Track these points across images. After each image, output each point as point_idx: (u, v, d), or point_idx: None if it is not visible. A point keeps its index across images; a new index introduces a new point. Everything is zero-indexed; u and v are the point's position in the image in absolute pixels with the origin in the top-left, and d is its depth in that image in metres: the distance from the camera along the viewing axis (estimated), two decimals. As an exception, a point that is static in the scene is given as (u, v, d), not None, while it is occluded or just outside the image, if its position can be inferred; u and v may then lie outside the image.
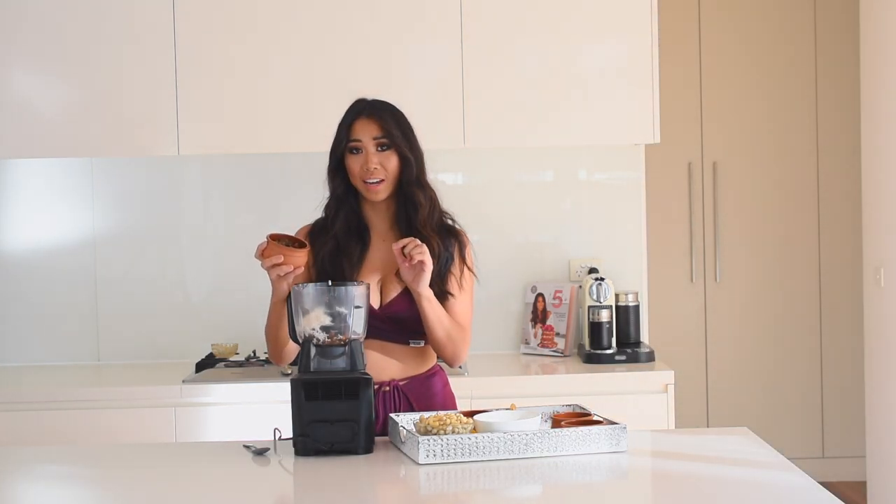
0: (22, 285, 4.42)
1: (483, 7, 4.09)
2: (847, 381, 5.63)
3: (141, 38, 4.07)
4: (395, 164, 2.92)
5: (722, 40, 5.65)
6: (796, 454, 5.41)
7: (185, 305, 4.44)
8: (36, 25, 4.07)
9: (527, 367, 4.17)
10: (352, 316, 2.69)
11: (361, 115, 2.94)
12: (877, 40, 4.47)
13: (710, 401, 5.70)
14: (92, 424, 3.85)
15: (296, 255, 2.75)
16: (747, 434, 2.85)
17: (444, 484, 2.48)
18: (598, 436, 2.62)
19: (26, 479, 2.67)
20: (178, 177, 4.45)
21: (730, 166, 5.68)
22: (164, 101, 4.07)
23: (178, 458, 2.78)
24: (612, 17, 4.11)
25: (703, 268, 5.70)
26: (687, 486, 2.44)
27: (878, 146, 4.49)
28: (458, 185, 4.48)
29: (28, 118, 4.09)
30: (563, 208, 4.47)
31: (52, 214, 4.43)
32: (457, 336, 2.93)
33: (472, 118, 4.09)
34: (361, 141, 2.92)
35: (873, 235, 4.56)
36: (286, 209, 4.35)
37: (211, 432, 3.84)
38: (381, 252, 2.97)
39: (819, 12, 5.64)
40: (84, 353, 4.42)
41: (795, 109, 5.67)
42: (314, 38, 4.08)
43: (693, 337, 5.69)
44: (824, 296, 5.69)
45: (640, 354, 4.12)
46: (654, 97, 4.10)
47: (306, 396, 2.63)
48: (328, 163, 2.97)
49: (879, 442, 4.54)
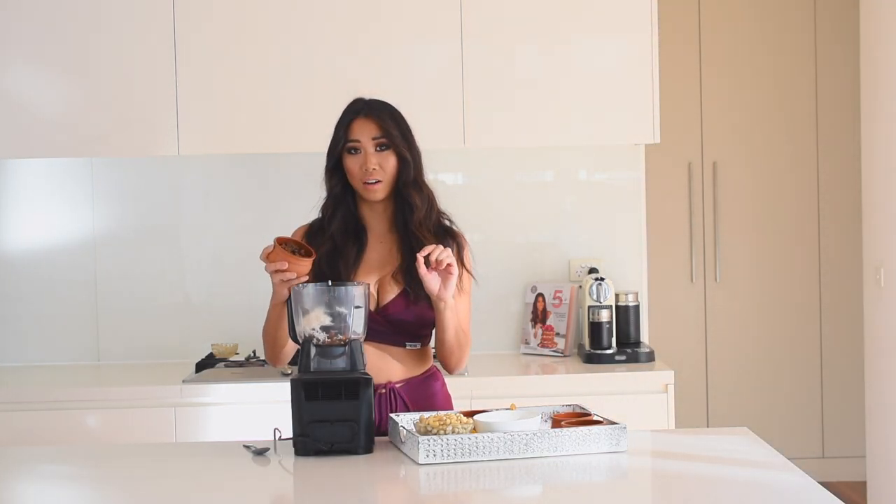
0: (22, 285, 4.42)
1: (483, 7, 4.09)
2: (847, 381, 5.63)
3: (141, 37, 4.07)
4: (393, 165, 2.90)
5: (722, 40, 5.65)
6: (796, 454, 5.41)
7: (185, 305, 4.44)
8: (36, 25, 4.07)
9: (527, 367, 4.17)
10: (352, 316, 2.69)
11: (360, 114, 2.92)
12: (877, 40, 4.47)
13: (710, 401, 5.70)
14: (92, 424, 3.85)
15: (301, 263, 2.73)
16: (747, 434, 2.84)
17: (444, 484, 2.48)
18: (598, 436, 2.62)
19: (26, 479, 2.67)
20: (178, 177, 4.45)
21: (730, 166, 5.68)
22: (164, 101, 4.07)
23: (178, 458, 2.78)
24: (612, 17, 4.11)
25: (703, 268, 5.70)
26: (687, 486, 2.44)
27: (878, 146, 4.49)
28: (458, 185, 4.48)
29: (28, 118, 4.09)
30: (563, 208, 4.47)
31: (52, 214, 4.43)
32: (464, 342, 2.93)
33: (472, 118, 4.09)
34: (360, 141, 2.90)
35: (873, 235, 4.56)
36: (286, 209, 4.35)
37: (211, 432, 3.84)
38: (378, 253, 2.95)
39: (819, 12, 5.64)
40: (84, 353, 4.42)
41: (795, 110, 5.67)
42: (314, 39, 4.08)
43: (693, 337, 5.69)
44: (824, 296, 5.69)
45: (640, 354, 4.12)
46: (654, 97, 4.10)
47: (306, 396, 2.63)
48: (325, 163, 2.95)
49: (879, 442, 4.54)
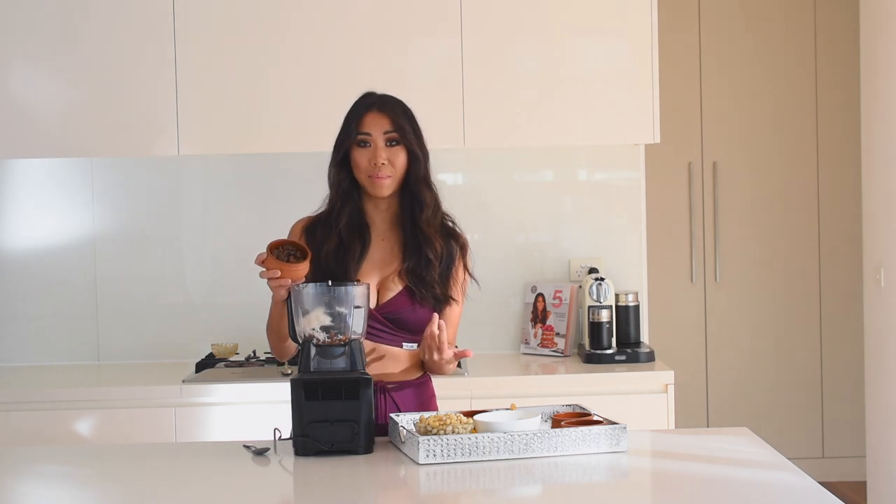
0: (22, 285, 4.42)
1: (483, 7, 4.09)
2: (847, 381, 5.63)
3: (141, 37, 4.08)
4: (403, 161, 2.88)
5: (722, 40, 5.65)
6: (796, 454, 5.41)
7: (185, 305, 4.44)
8: (36, 25, 4.07)
9: (527, 367, 4.17)
10: (352, 316, 2.69)
11: (372, 108, 2.90)
12: (877, 40, 4.47)
13: (710, 401, 5.70)
14: (92, 424, 3.85)
15: (294, 269, 2.71)
16: (747, 434, 2.84)
17: (444, 484, 2.48)
18: (598, 436, 2.62)
19: (26, 479, 2.67)
20: (178, 177, 4.45)
21: (730, 166, 5.68)
22: (164, 101, 4.07)
23: (178, 458, 2.78)
24: (612, 17, 4.11)
25: (703, 268, 5.70)
26: (687, 486, 2.44)
27: (878, 146, 4.49)
28: (458, 185, 4.48)
29: (28, 118, 4.09)
30: (563, 208, 4.47)
31: (52, 214, 4.43)
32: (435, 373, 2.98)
33: (472, 118, 4.09)
34: (371, 135, 2.87)
35: (873, 235, 4.56)
36: (286, 209, 4.33)
37: (211, 432, 3.84)
38: (380, 251, 2.94)
39: (819, 12, 5.64)
40: (84, 353, 4.42)
41: (795, 109, 5.67)
42: (314, 38, 4.08)
43: (693, 337, 5.69)
44: (824, 296, 5.69)
45: (640, 354, 4.12)
46: (654, 97, 4.10)
47: (306, 396, 2.63)
48: (332, 155, 2.92)
49: (879, 442, 4.54)
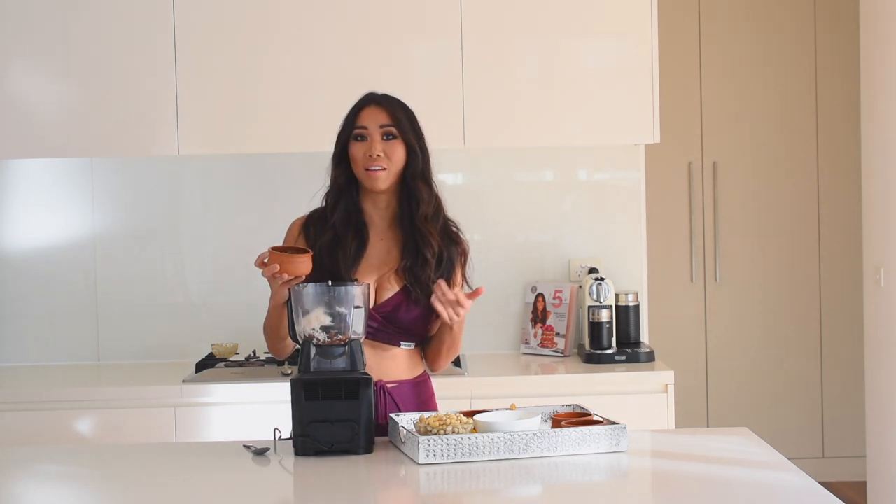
0: (22, 285, 4.42)
1: (483, 7, 4.09)
2: (847, 381, 5.63)
3: (141, 38, 4.07)
4: (401, 155, 2.88)
5: (722, 40, 5.65)
6: (796, 454, 5.41)
7: (185, 305, 4.44)
8: (36, 25, 4.07)
9: (527, 367, 4.17)
10: (352, 316, 2.69)
11: (370, 103, 2.91)
12: (877, 40, 4.47)
13: (710, 401, 5.70)
14: (92, 424, 3.85)
15: (293, 260, 2.71)
16: (747, 434, 2.85)
17: (444, 484, 2.48)
18: (598, 436, 2.62)
19: (26, 479, 2.67)
20: (178, 177, 4.45)
21: (730, 166, 5.68)
22: (164, 101, 4.07)
23: (178, 458, 2.78)
24: (612, 17, 4.11)
25: (703, 268, 5.70)
26: (687, 486, 2.44)
27: (878, 146, 4.49)
28: (458, 185, 4.48)
29: (28, 118, 4.09)
30: (563, 208, 4.47)
31: (52, 214, 4.43)
32: (455, 350, 2.97)
33: (472, 118, 4.09)
34: (367, 128, 2.88)
35: (873, 235, 4.56)
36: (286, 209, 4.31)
37: (211, 432, 3.84)
38: (378, 250, 2.93)
39: (819, 12, 5.64)
40: (84, 353, 4.42)
41: (795, 110, 5.67)
42: (314, 39, 4.08)
43: (693, 337, 5.69)
44: (824, 296, 5.69)
45: (640, 354, 4.12)
46: (653, 97, 4.10)
47: (306, 396, 2.63)
48: (333, 150, 2.94)
49: (879, 442, 4.54)
